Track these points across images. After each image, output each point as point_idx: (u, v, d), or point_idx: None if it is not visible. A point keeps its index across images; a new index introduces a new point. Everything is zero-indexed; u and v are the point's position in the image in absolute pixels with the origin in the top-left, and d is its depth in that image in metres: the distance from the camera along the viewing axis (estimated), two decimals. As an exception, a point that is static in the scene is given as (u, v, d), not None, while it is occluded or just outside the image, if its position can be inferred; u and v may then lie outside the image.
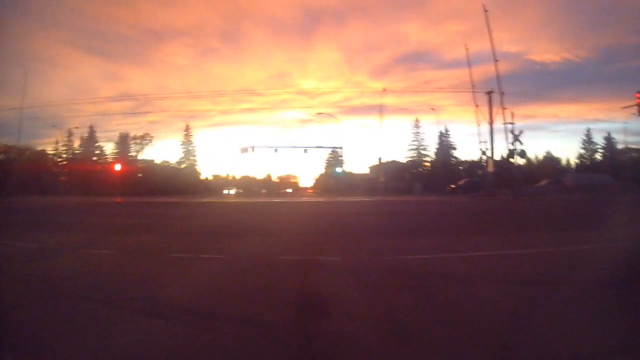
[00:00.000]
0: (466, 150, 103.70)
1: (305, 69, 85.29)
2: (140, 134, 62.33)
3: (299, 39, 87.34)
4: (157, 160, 64.08)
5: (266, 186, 72.14)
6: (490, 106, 32.77)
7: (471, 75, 46.77)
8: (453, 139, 64.42)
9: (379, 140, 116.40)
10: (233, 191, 60.25)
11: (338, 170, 55.16)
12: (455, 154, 63.99)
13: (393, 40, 79.93)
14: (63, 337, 2.79)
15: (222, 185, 67.62)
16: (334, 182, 58.38)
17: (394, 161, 60.16)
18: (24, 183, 45.12)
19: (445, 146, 63.00)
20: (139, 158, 61.52)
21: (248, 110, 73.16)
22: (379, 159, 59.09)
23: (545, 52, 77.21)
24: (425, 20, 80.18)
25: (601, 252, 6.16)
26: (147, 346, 2.64)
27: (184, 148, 66.01)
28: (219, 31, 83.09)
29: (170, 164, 64.89)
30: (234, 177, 79.88)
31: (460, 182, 42.79)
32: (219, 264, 5.46)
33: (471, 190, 36.09)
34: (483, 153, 33.93)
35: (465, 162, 61.02)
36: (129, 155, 60.74)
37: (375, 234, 8.79)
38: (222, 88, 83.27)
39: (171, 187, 50.76)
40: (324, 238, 7.97)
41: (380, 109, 74.95)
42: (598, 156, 61.37)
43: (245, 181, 76.71)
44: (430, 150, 64.37)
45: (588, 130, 61.83)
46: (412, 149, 64.48)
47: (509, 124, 31.09)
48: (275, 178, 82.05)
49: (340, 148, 52.04)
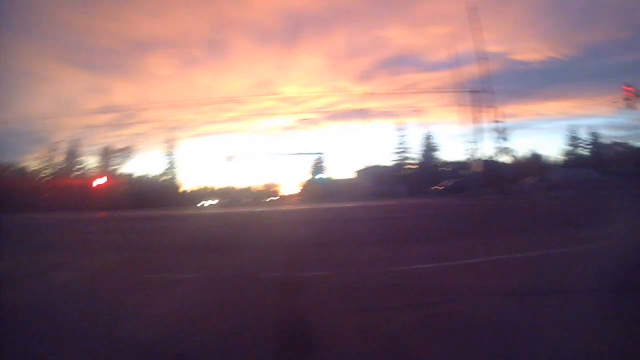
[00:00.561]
0: (452, 151, 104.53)
1: (289, 76, 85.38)
2: (122, 146, 60.88)
3: (282, 46, 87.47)
4: (139, 173, 63.23)
5: (251, 195, 71.35)
6: (475, 106, 32.88)
7: (455, 76, 47.04)
8: (438, 140, 63.76)
9: (364, 145, 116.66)
10: (212, 202, 59.46)
11: (322, 176, 54.90)
12: (440, 155, 63.47)
13: (376, 44, 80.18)
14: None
15: (206, 196, 66.96)
16: (319, 189, 58.27)
17: (378, 165, 59.85)
18: (6, 200, 43.74)
19: (430, 148, 63.01)
20: (121, 172, 60.40)
21: (232, 119, 72.81)
22: (363, 163, 59.12)
23: (529, 52, 77.89)
24: (408, 24, 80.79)
25: (607, 252, 5.85)
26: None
27: (167, 159, 64.45)
28: (202, 41, 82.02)
29: (152, 177, 63.85)
30: (218, 188, 79.23)
31: (447, 183, 42.24)
32: (193, 286, 4.89)
33: (457, 191, 35.32)
34: (469, 153, 34.05)
35: (451, 163, 60.14)
36: (111, 168, 59.43)
37: (364, 242, 8.32)
38: (206, 97, 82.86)
39: (153, 201, 49.67)
40: (310, 249, 7.51)
41: (364, 114, 74.50)
42: (584, 152, 61.00)
43: (230, 191, 75.69)
44: (415, 153, 64.17)
45: (573, 126, 61.57)
46: (397, 152, 64.42)
47: (495, 122, 31.34)
48: (260, 186, 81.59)
49: (323, 154, 52.04)
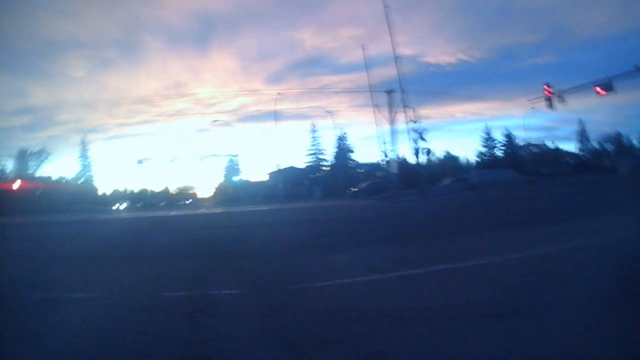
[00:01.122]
0: (366, 153, 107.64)
1: (202, 78, 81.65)
2: (37, 149, 58.73)
3: (195, 47, 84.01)
4: (54, 177, 61.21)
5: (165, 198, 69.53)
6: (389, 107, 32.36)
7: (369, 78, 47.60)
8: (352, 141, 64.34)
9: (276, 147, 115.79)
10: (123, 205, 57.41)
11: (235, 178, 53.69)
12: (354, 156, 63.81)
13: (288, 46, 79.94)
14: None
15: (121, 199, 64.81)
16: (233, 191, 56.88)
17: (292, 167, 59.14)
18: None
19: (343, 149, 62.79)
20: (37, 175, 57.86)
21: (144, 121, 68.72)
22: (277, 165, 58.26)
23: (440, 54, 78.62)
24: (319, 25, 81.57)
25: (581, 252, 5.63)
26: None
27: (81, 163, 63.77)
28: (115, 42, 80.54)
29: (67, 180, 62.30)
30: (132, 191, 74.66)
31: (362, 185, 42.11)
32: (84, 309, 4.00)
33: (373, 193, 34.68)
34: (385, 154, 33.35)
35: (366, 165, 60.53)
36: (27, 172, 57.16)
37: (280, 249, 7.33)
38: (119, 99, 76.09)
39: (69, 204, 47.23)
40: (220, 259, 6.36)
41: (276, 115, 72.67)
42: (499, 153, 62.77)
43: (144, 194, 72.71)
44: (329, 155, 64.20)
45: (487, 127, 63.38)
46: (310, 154, 63.99)
47: (412, 122, 30.80)
48: (174, 190, 77.58)
49: (236, 156, 50.84)
